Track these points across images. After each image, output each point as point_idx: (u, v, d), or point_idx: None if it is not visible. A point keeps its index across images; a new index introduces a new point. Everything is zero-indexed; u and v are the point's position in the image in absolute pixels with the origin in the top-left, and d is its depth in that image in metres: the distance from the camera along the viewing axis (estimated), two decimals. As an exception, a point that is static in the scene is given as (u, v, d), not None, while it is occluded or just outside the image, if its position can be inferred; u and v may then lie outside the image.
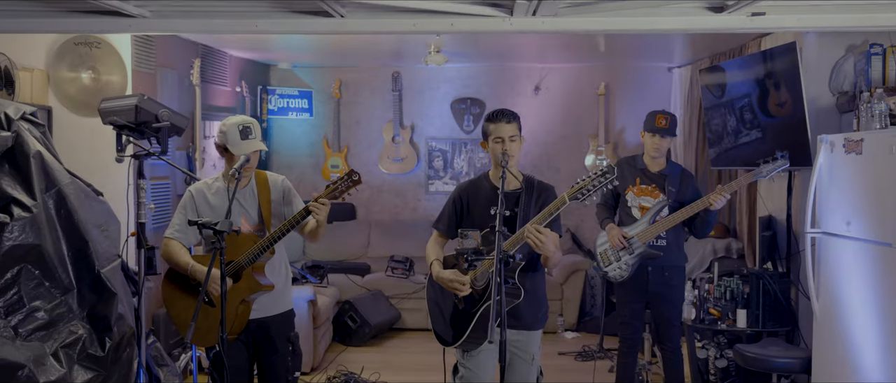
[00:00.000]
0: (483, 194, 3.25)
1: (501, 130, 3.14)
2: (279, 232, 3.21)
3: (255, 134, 3.34)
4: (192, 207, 3.42)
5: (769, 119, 5.01)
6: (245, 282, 3.26)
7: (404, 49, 6.81)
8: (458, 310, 3.20)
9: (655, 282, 4.31)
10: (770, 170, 4.00)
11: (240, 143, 3.31)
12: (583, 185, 2.87)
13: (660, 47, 6.77)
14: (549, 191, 3.25)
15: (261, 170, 3.54)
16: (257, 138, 3.34)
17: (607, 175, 2.84)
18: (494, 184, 3.23)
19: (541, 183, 3.27)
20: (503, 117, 3.15)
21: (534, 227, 2.86)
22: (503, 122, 3.15)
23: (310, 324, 5.60)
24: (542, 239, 2.84)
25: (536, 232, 2.84)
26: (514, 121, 3.17)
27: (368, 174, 8.01)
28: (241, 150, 3.29)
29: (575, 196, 2.87)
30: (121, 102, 3.87)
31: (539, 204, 3.19)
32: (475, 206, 3.24)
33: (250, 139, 3.31)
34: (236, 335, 3.33)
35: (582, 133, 7.87)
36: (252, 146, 3.31)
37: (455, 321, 3.21)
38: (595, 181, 2.85)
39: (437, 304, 3.31)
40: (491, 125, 3.18)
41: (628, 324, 4.43)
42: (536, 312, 3.23)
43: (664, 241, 4.29)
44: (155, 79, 5.35)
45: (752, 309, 4.65)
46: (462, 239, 2.83)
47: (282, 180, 3.50)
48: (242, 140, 3.31)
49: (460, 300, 3.16)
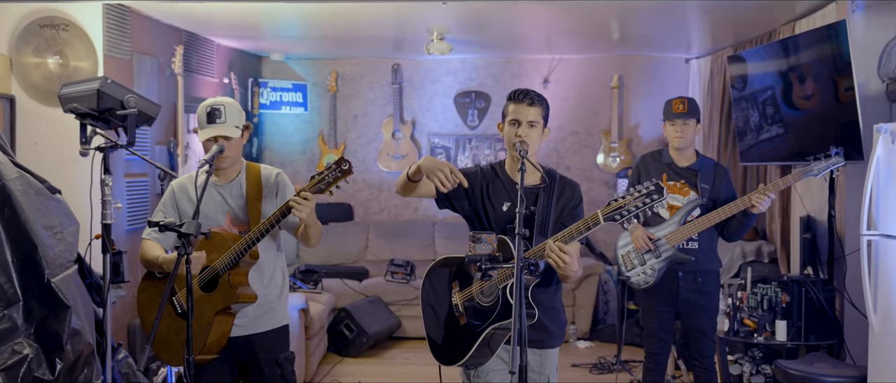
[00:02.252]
0: (497, 187, 2.78)
1: (520, 112, 2.67)
2: (257, 233, 2.75)
3: (226, 118, 2.86)
4: (173, 205, 2.96)
5: (794, 112, 4.58)
6: (221, 292, 2.79)
7: (405, 37, 6.35)
8: (458, 325, 2.73)
9: (687, 288, 3.85)
10: (823, 169, 3.53)
11: (205, 128, 2.86)
12: (622, 206, 2.40)
13: (677, 36, 6.36)
14: (574, 191, 2.80)
15: (254, 163, 3.07)
16: (228, 123, 2.87)
17: (653, 195, 2.38)
18: (511, 178, 2.77)
19: (563, 178, 2.81)
20: (526, 97, 2.69)
21: (557, 246, 2.41)
22: (524, 104, 2.68)
23: (302, 335, 5.14)
24: (566, 259, 2.40)
25: (559, 251, 2.40)
26: (538, 104, 2.70)
27: (367, 172, 7.61)
28: (204, 135, 2.84)
29: (611, 217, 2.41)
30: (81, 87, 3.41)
31: (561, 203, 2.74)
32: (485, 198, 2.77)
33: (218, 123, 2.84)
34: (215, 354, 2.86)
35: (594, 129, 7.43)
36: (216, 130, 2.84)
37: (455, 336, 2.74)
38: (636, 202, 2.39)
39: (435, 311, 2.84)
40: (510, 104, 2.72)
41: (655, 337, 3.96)
42: (554, 328, 2.77)
43: (696, 244, 3.83)
44: (130, 66, 4.88)
45: (793, 320, 4.17)
46: (474, 242, 2.34)
47: (276, 174, 3.03)
48: (208, 124, 2.85)
49: (462, 313, 2.70)
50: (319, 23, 5.70)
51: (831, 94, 4.33)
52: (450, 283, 2.77)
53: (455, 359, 2.71)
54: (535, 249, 2.51)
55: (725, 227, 3.82)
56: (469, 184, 2.74)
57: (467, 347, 2.66)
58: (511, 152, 2.74)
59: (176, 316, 2.85)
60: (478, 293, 2.67)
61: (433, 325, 2.82)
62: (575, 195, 2.80)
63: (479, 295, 2.67)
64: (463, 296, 2.72)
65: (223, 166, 2.91)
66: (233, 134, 2.88)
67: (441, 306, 2.79)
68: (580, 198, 2.82)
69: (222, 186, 2.95)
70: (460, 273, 2.75)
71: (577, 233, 2.45)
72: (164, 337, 2.85)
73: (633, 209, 2.38)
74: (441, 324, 2.78)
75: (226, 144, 2.87)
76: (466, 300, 2.71)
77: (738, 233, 3.81)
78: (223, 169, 2.92)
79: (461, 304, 2.72)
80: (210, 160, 2.77)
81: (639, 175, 4.04)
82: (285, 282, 3.06)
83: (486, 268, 2.31)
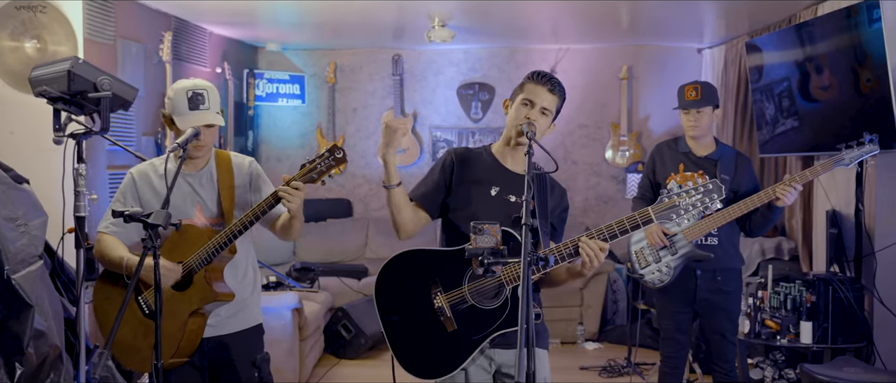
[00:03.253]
0: (482, 169, 2.50)
1: (538, 94, 2.42)
2: (240, 225, 2.48)
3: (210, 103, 2.60)
4: (133, 194, 2.69)
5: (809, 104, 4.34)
6: (196, 291, 2.52)
7: (405, 24, 6.09)
8: (443, 333, 2.38)
9: (705, 287, 3.58)
10: (856, 157, 3.24)
11: (187, 115, 2.58)
12: (676, 204, 2.16)
13: (689, 24, 6.10)
14: (563, 194, 2.57)
15: (224, 151, 2.80)
16: (212, 109, 2.61)
17: (712, 195, 2.14)
18: (499, 161, 2.51)
19: (552, 180, 2.55)
20: (548, 82, 2.44)
21: (596, 243, 2.21)
22: (545, 88, 2.43)
23: (295, 336, 4.88)
24: (602, 258, 2.22)
25: (598, 249, 2.20)
26: (557, 93, 2.45)
27: (367, 168, 7.35)
28: (187, 124, 2.56)
29: (666, 216, 2.17)
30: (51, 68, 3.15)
31: (553, 200, 2.51)
32: (470, 183, 2.49)
33: (202, 109, 2.58)
34: (186, 357, 2.59)
35: (602, 121, 7.16)
36: (203, 118, 2.58)
37: (440, 345, 2.39)
38: (694, 200, 2.14)
39: (405, 318, 2.43)
40: (528, 84, 2.47)
41: (671, 339, 3.69)
42: (542, 328, 2.50)
43: (715, 239, 3.56)
44: (114, 51, 4.62)
45: (819, 321, 3.89)
46: (475, 234, 2.06)
47: (249, 163, 2.77)
48: (191, 110, 2.57)
49: (450, 318, 2.37)
50: (316, 8, 5.44)
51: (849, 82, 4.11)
52: (427, 283, 2.42)
53: (443, 372, 2.39)
54: (560, 245, 2.26)
55: (748, 222, 3.54)
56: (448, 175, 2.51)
57: (461, 357, 2.36)
58: (509, 133, 2.47)
59: (143, 318, 2.59)
60: (473, 294, 2.38)
61: (404, 335, 2.43)
62: (564, 198, 2.58)
63: (474, 296, 2.38)
64: (450, 298, 2.39)
65: (198, 154, 2.64)
66: (218, 121, 2.62)
67: (415, 311, 2.41)
68: (567, 205, 2.60)
69: (191, 175, 2.69)
70: (440, 270, 2.41)
71: (621, 229, 2.21)
72: (130, 341, 2.59)
73: (690, 208, 2.14)
74: (417, 333, 2.42)
75: (206, 132, 2.61)
76: (456, 303, 2.39)
77: (762, 228, 3.53)
78: (196, 157, 2.66)
79: (448, 308, 2.39)
80: (184, 144, 2.50)
81: (654, 165, 3.77)
82: (257, 278, 2.80)
83: (488, 262, 2.03)
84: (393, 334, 2.46)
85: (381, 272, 2.50)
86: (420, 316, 2.40)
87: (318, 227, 6.99)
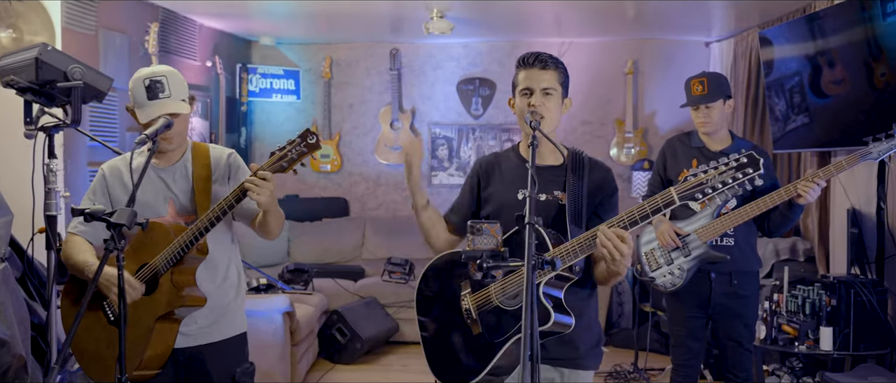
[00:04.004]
0: (509, 172, 2.31)
1: (532, 78, 2.20)
2: (206, 222, 2.26)
3: (171, 91, 2.38)
4: (103, 192, 2.48)
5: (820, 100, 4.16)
6: (162, 294, 2.30)
7: (404, 16, 5.87)
8: (470, 336, 2.23)
9: (720, 292, 3.36)
10: (883, 151, 3.01)
11: (147, 106, 2.36)
12: (703, 181, 1.88)
13: (697, 16, 5.89)
14: (607, 174, 2.31)
15: (203, 144, 2.58)
16: (174, 97, 2.38)
17: (747, 169, 1.88)
18: (524, 158, 2.30)
19: (592, 159, 2.31)
20: (537, 61, 2.22)
21: (614, 231, 1.93)
22: (536, 68, 2.21)
23: (286, 341, 4.66)
24: (624, 250, 1.92)
25: (617, 238, 1.92)
26: (552, 67, 2.22)
27: (363, 165, 7.15)
28: (148, 115, 2.34)
29: (690, 195, 1.90)
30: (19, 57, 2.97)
31: (594, 188, 2.25)
32: (498, 188, 2.31)
33: (162, 98, 2.36)
34: (156, 369, 2.37)
35: (606, 118, 6.94)
36: (163, 107, 2.35)
37: (466, 349, 2.25)
38: (725, 176, 1.87)
39: (437, 319, 2.32)
40: (520, 71, 2.25)
41: (683, 347, 3.47)
42: (586, 342, 2.27)
43: (732, 240, 3.34)
44: (96, 42, 4.41)
45: (840, 326, 3.66)
46: (472, 234, 1.84)
47: (228, 155, 2.54)
48: (151, 100, 2.35)
49: (476, 321, 2.21)
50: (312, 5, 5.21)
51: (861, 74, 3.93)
52: (458, 284, 2.27)
53: (467, 377, 2.22)
54: (580, 239, 2.02)
55: (766, 221, 3.32)
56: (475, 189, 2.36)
57: (484, 362, 2.18)
58: (523, 128, 2.26)
59: (107, 325, 2.36)
60: (499, 295, 2.18)
61: (435, 337, 2.31)
62: (609, 181, 2.31)
63: (500, 297, 2.18)
64: (477, 300, 2.22)
65: (169, 147, 2.42)
66: (182, 109, 2.40)
67: (446, 312, 2.29)
68: (615, 187, 2.33)
69: (164, 170, 2.47)
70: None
71: (642, 214, 1.95)
72: (93, 350, 2.36)
73: (720, 186, 1.87)
74: (446, 335, 2.28)
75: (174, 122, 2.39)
76: (482, 304, 2.21)
77: (782, 228, 3.30)
78: (168, 150, 2.43)
79: (475, 310, 2.22)
80: (153, 136, 2.27)
81: (665, 161, 3.55)
82: (242, 280, 2.57)
83: (488, 266, 1.81)
84: (425, 335, 2.35)
85: (424, 273, 2.39)
86: (450, 320, 2.28)
87: (314, 227, 6.78)
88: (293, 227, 6.66)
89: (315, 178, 7.20)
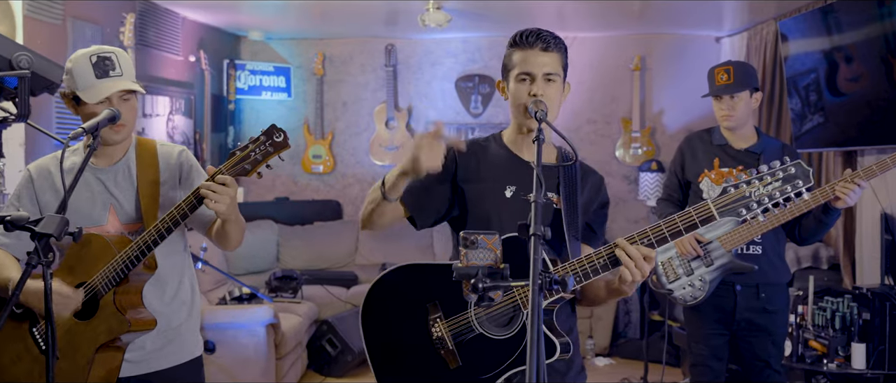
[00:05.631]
0: (493, 164, 1.97)
1: (532, 61, 1.87)
2: (155, 233, 1.92)
3: (122, 69, 2.05)
4: (29, 196, 2.14)
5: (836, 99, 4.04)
6: (103, 319, 1.96)
7: (399, 10, 5.55)
8: (445, 370, 1.85)
9: (746, 306, 3.05)
10: None
11: (96, 85, 2.02)
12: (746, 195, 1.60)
13: (708, 9, 5.59)
14: (601, 182, 2.01)
15: (149, 139, 2.24)
16: (126, 76, 2.05)
17: (797, 181, 1.58)
18: (514, 153, 1.97)
19: (583, 163, 2.00)
20: (538, 40, 1.88)
21: (640, 250, 1.65)
22: (537, 49, 1.88)
23: (270, 354, 4.34)
24: (647, 272, 1.65)
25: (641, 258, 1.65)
26: (554, 49, 1.89)
27: (357, 166, 6.85)
28: (97, 95, 2.01)
29: (733, 210, 1.61)
30: (-43, 43, 2.64)
31: (587, 193, 1.95)
32: (480, 184, 1.95)
33: (113, 76, 2.03)
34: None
35: (612, 116, 6.63)
36: (115, 85, 2.02)
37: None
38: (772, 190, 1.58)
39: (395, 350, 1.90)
40: (516, 52, 1.92)
41: (704, 367, 3.14)
42: (577, 357, 1.97)
43: (759, 248, 3.02)
44: (64, 33, 4.08)
45: (874, 342, 3.33)
46: (466, 247, 1.50)
47: (179, 153, 2.21)
48: (100, 79, 2.02)
49: (452, 352, 1.84)
50: None
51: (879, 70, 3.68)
52: (423, 307, 1.90)
53: None
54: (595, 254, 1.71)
55: (797, 227, 2.99)
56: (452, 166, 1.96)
57: None
58: (518, 118, 1.93)
59: (38, 356, 2.02)
60: (483, 320, 1.84)
61: (394, 370, 1.91)
62: (604, 189, 2.00)
63: (484, 323, 1.84)
64: (453, 327, 1.87)
65: (116, 138, 2.08)
66: (139, 88, 2.07)
67: (409, 341, 1.89)
68: (607, 198, 2.02)
69: (103, 171, 2.13)
70: (442, 290, 1.87)
71: (673, 231, 1.65)
72: (24, 382, 2.03)
73: (766, 200, 1.59)
74: (410, 370, 1.90)
75: (124, 108, 2.06)
76: (460, 331, 1.86)
77: (816, 235, 2.98)
78: (112, 142, 2.10)
79: (450, 339, 1.86)
80: (93, 130, 1.93)
81: (682, 160, 3.22)
82: (195, 296, 2.23)
83: (484, 287, 1.48)
84: (381, 368, 1.93)
85: (369, 294, 1.96)
86: (416, 350, 1.88)
87: (304, 231, 6.45)
88: (283, 231, 6.34)
89: (306, 180, 6.89)
